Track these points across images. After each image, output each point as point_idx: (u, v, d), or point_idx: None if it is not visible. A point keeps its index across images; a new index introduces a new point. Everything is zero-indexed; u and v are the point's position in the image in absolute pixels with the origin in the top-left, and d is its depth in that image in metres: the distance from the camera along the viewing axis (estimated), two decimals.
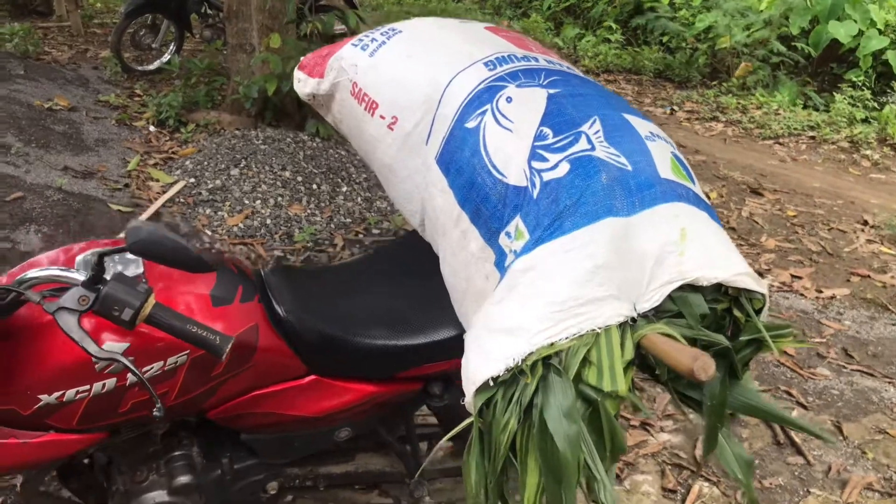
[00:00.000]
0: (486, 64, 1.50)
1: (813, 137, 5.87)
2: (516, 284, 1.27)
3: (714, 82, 7.26)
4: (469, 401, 1.26)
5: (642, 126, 1.44)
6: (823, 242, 4.21)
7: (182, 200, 3.97)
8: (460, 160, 1.43)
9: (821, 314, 3.48)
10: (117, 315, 1.19)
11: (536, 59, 1.53)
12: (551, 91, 1.44)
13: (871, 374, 3.04)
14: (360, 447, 1.87)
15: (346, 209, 4.12)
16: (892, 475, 2.49)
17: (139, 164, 4.35)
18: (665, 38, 8.37)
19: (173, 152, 4.55)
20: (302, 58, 1.86)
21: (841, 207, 4.70)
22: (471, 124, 1.43)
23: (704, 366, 1.06)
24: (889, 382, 3.00)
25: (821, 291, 3.68)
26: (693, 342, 1.32)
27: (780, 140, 5.85)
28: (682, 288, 1.28)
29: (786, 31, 7.05)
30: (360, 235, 3.93)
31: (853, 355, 3.17)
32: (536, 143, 1.37)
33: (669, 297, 1.29)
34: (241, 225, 3.81)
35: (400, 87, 1.58)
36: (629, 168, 1.34)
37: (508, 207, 1.35)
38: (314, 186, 4.22)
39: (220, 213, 3.90)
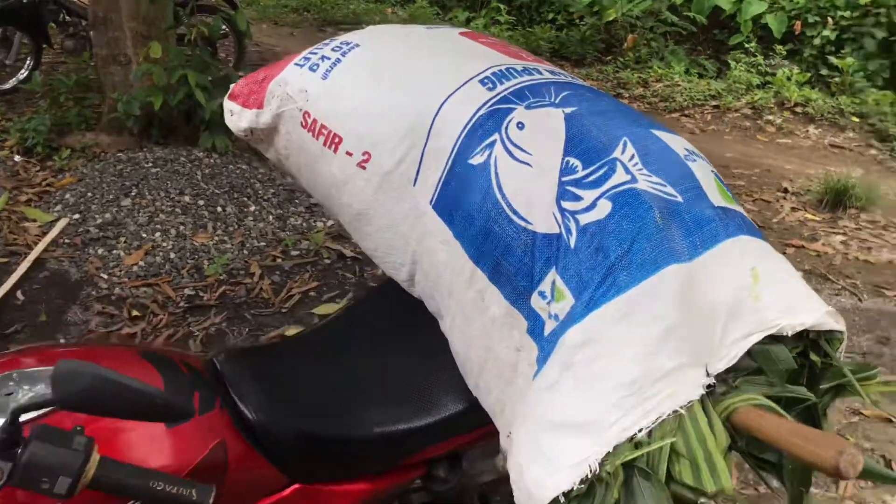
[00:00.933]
0: (482, 82, 1.21)
1: (717, 107, 5.90)
2: (572, 364, 1.00)
3: (609, 57, 7.22)
4: None
5: (677, 144, 1.21)
6: (751, 215, 4.17)
7: (67, 241, 3.46)
8: (468, 205, 1.15)
9: None
10: (47, 488, 0.84)
11: (539, 72, 1.26)
12: (567, 110, 1.18)
13: None
14: None
15: (258, 231, 3.73)
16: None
17: (8, 203, 3.78)
18: (551, 16, 8.27)
19: (48, 184, 3.99)
20: (232, 86, 1.51)
21: (759, 176, 4.71)
22: (477, 160, 1.15)
23: (853, 461, 0.84)
24: (849, 358, 2.94)
25: None
26: (778, 401, 1.11)
27: (686, 112, 5.85)
28: (761, 340, 1.06)
29: (671, 0, 7.08)
30: (279, 260, 3.55)
31: None
32: (564, 179, 1.11)
33: (748, 352, 1.06)
34: (141, 263, 3.36)
35: (371, 117, 1.27)
36: (680, 200, 1.10)
37: (539, 261, 1.09)
38: (218, 209, 3.80)
39: (114, 251, 3.42)
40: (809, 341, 1.12)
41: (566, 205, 1.09)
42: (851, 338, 3.07)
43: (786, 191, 4.46)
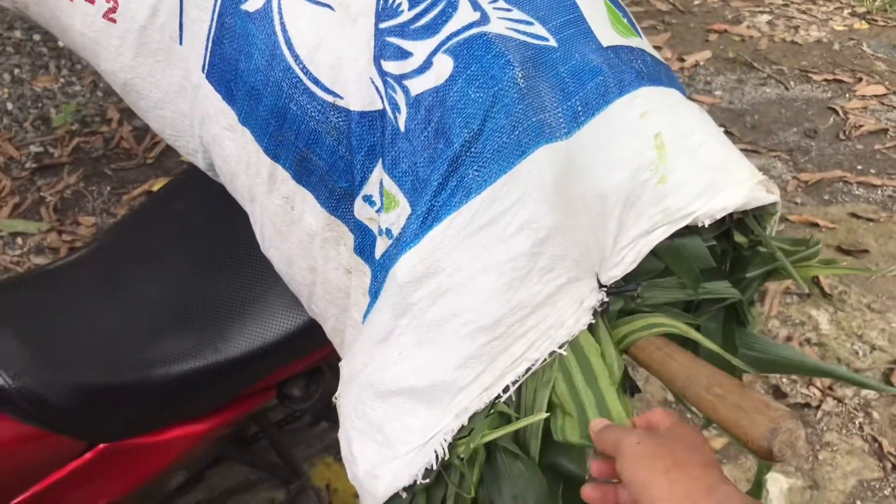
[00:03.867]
0: None
1: None
2: (409, 308, 0.71)
3: None
4: None
5: None
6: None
7: None
8: (250, 75, 0.79)
9: (690, 88, 3.12)
10: None
11: None
12: None
13: (756, 151, 2.77)
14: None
15: None
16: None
17: None
18: None
19: None
20: None
21: None
22: (252, 4, 0.77)
23: (790, 440, 0.58)
24: (776, 157, 2.74)
25: (683, 59, 3.30)
26: (689, 305, 0.85)
27: None
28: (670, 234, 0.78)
29: None
30: None
31: (733, 132, 2.87)
32: (383, 26, 0.75)
33: (652, 251, 0.78)
34: None
35: None
36: (553, 44, 0.76)
37: (359, 152, 0.76)
38: (60, 44, 3.20)
39: None
40: (734, 222, 0.85)
41: (388, 66, 0.74)
42: (778, 133, 2.85)
43: None
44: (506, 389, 0.70)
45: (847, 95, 3.03)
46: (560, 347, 0.72)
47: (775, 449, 0.58)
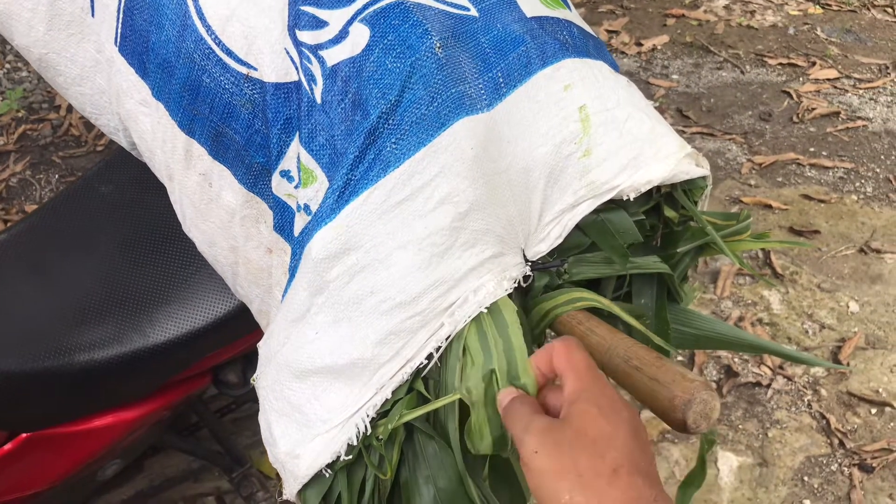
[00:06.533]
0: None
1: None
2: (325, 286, 0.69)
3: None
4: (292, 499, 0.72)
5: None
6: None
7: None
8: (161, 47, 0.76)
9: (647, 72, 3.13)
10: None
11: None
12: None
13: (712, 134, 2.79)
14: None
15: None
16: (757, 252, 2.30)
17: None
18: None
19: None
20: None
21: None
22: None
23: (705, 410, 0.58)
24: (731, 140, 2.76)
25: (640, 44, 3.30)
26: (620, 282, 0.85)
27: None
28: (595, 208, 0.77)
29: None
30: None
31: (689, 115, 2.89)
32: None
33: (577, 226, 0.77)
34: None
35: None
36: (474, 13, 0.75)
37: (275, 125, 0.74)
38: None
39: None
40: (663, 196, 0.84)
41: (304, 36, 0.72)
42: (733, 116, 2.87)
43: None
44: (429, 358, 0.68)
45: (801, 79, 3.06)
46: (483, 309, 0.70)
47: (690, 420, 0.57)
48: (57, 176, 2.60)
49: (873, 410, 1.88)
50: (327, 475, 0.69)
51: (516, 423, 0.57)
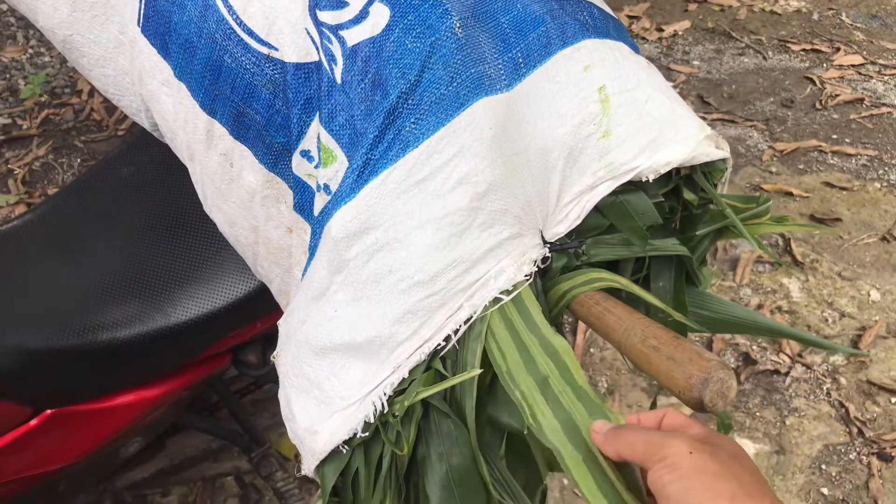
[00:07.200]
0: None
1: None
2: (344, 264, 0.69)
3: None
4: (311, 475, 0.73)
5: None
6: None
7: None
8: (183, 27, 0.76)
9: (668, 58, 3.10)
10: None
11: None
12: None
13: (733, 121, 2.76)
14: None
15: None
16: (777, 239, 2.29)
17: None
18: None
19: None
20: None
21: None
22: None
23: (722, 389, 0.58)
24: (752, 126, 2.73)
25: (662, 30, 3.27)
26: (639, 264, 0.85)
27: None
28: (614, 189, 0.77)
29: None
30: None
31: (710, 101, 2.86)
32: None
33: (596, 207, 0.77)
34: None
35: None
36: None
37: (295, 105, 0.74)
38: None
39: None
40: (683, 178, 0.84)
41: (324, 16, 0.72)
42: (755, 103, 2.84)
43: None
44: (447, 339, 0.69)
45: (825, 65, 3.02)
46: (501, 295, 0.70)
47: (706, 399, 0.57)
48: (79, 160, 2.62)
49: (893, 399, 1.87)
50: (345, 451, 0.70)
51: (638, 436, 0.54)
